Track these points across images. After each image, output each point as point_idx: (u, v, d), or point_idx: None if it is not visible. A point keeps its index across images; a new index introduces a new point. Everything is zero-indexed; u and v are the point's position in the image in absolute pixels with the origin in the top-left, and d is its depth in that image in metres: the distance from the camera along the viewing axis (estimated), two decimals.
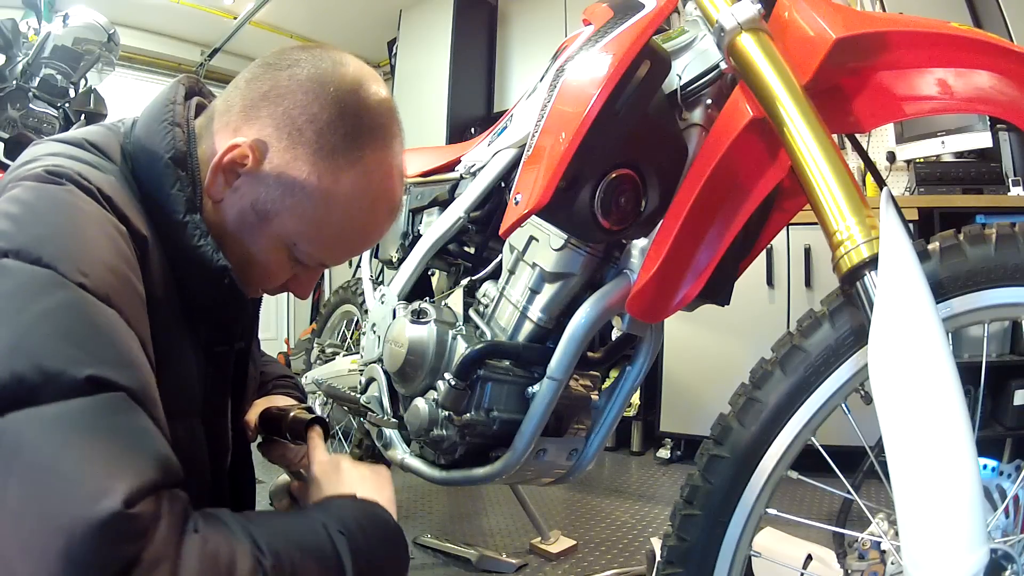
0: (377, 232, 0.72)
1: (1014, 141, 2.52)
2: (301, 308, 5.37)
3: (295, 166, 0.65)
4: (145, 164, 0.66)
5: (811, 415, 0.79)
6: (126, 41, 3.28)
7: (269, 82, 0.66)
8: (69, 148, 0.64)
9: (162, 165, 0.65)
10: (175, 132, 0.67)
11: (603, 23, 0.86)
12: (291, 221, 0.66)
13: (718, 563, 0.81)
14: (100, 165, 0.63)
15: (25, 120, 2.52)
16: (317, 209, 0.66)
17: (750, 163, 0.83)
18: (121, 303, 0.54)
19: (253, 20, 4.26)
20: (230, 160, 0.65)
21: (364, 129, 0.66)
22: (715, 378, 2.58)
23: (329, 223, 0.67)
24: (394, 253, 1.49)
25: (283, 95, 0.65)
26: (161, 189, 0.64)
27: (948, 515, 0.56)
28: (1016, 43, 0.72)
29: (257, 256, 0.68)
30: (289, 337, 5.29)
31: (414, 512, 2.11)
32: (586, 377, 1.15)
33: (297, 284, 0.74)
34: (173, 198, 0.64)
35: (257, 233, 0.67)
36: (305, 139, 0.64)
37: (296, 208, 0.65)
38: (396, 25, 4.21)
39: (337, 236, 0.69)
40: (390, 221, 0.73)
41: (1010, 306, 0.72)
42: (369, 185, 0.67)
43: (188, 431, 0.66)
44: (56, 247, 0.52)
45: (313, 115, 0.64)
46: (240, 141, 0.64)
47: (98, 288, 0.52)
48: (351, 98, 0.66)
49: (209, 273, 0.65)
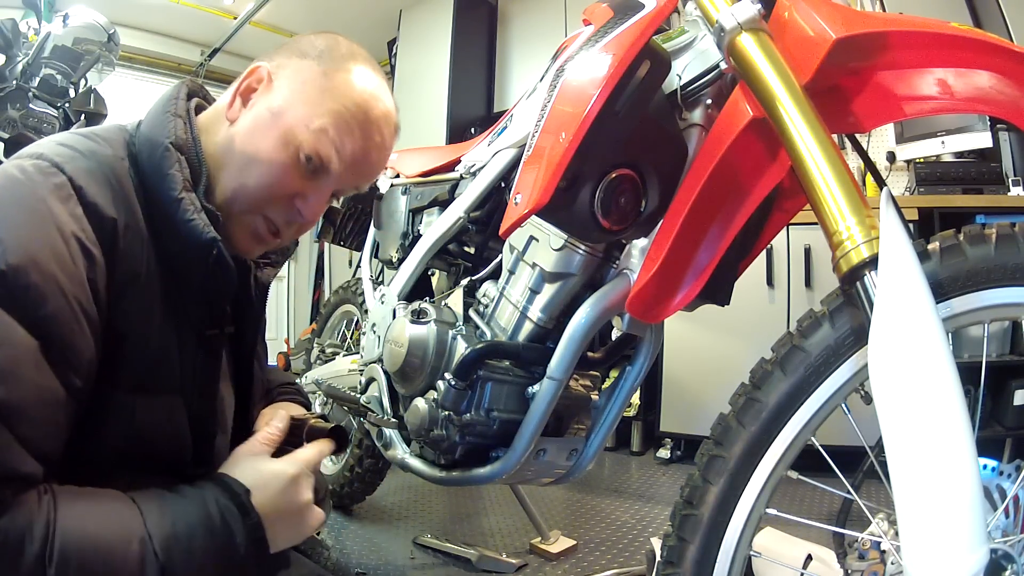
0: (374, 126, 0.77)
1: (1014, 141, 2.52)
2: (301, 308, 5.38)
3: (304, 66, 0.75)
4: (147, 152, 0.70)
5: (811, 415, 0.79)
6: (126, 41, 3.28)
7: (271, 53, 0.78)
8: (70, 137, 0.68)
9: (163, 149, 0.69)
10: (177, 122, 0.72)
11: (603, 23, 0.86)
12: (300, 108, 0.73)
13: (718, 563, 0.81)
14: (92, 152, 0.67)
15: (25, 120, 2.52)
16: (323, 92, 0.73)
17: (750, 163, 0.83)
18: (30, 302, 0.56)
19: (253, 20, 4.26)
20: (248, 84, 0.75)
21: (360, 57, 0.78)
22: (715, 378, 2.58)
23: (335, 102, 0.74)
24: (394, 253, 1.49)
25: (289, 44, 0.78)
26: (159, 171, 0.68)
27: (948, 515, 0.56)
28: (1016, 43, 0.72)
29: (267, 155, 0.72)
30: (289, 337, 5.30)
31: (414, 512, 2.11)
32: (586, 377, 1.15)
33: (304, 202, 0.75)
34: (171, 177, 0.68)
35: (269, 132, 0.72)
36: (312, 55, 0.76)
37: (305, 95, 0.73)
38: (396, 25, 4.21)
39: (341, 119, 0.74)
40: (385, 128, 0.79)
41: (1010, 306, 0.72)
42: (366, 83, 0.76)
43: (167, 411, 0.69)
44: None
45: (314, 44, 0.77)
46: (259, 64, 0.76)
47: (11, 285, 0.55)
48: (346, 47, 0.78)
49: (199, 245, 0.68)
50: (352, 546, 1.81)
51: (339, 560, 1.67)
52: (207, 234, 0.68)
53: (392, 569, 1.65)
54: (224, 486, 0.67)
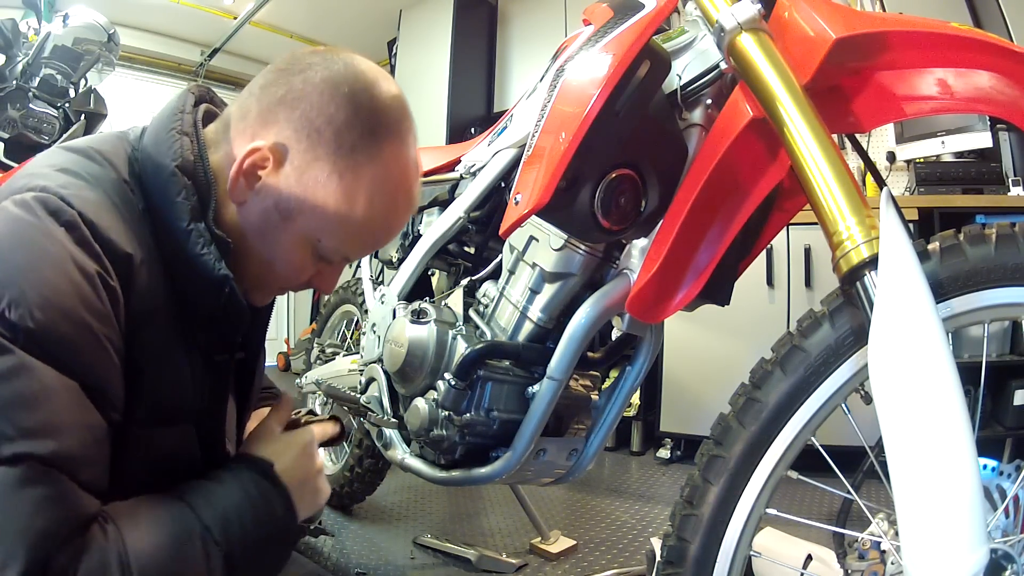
0: (398, 224, 0.74)
1: (1014, 141, 2.52)
2: (301, 308, 5.37)
3: (316, 166, 0.67)
4: (152, 173, 0.67)
5: (811, 415, 0.79)
6: (126, 41, 3.28)
7: (284, 87, 0.68)
8: (70, 158, 0.65)
9: (168, 174, 0.66)
10: (183, 141, 0.67)
11: (603, 23, 0.86)
12: (314, 219, 0.68)
13: (718, 563, 0.81)
14: (98, 179, 0.64)
15: (25, 120, 2.52)
16: (339, 206, 0.67)
17: (750, 163, 0.83)
18: (66, 353, 0.55)
19: (253, 20, 4.26)
20: (251, 164, 0.66)
21: (380, 125, 0.68)
22: (715, 378, 2.58)
23: (352, 219, 0.69)
24: (394, 253, 1.49)
25: (299, 98, 0.67)
26: (166, 198, 0.65)
27: (948, 515, 0.56)
28: (1016, 43, 0.72)
29: (282, 254, 0.70)
30: (289, 337, 5.30)
31: (414, 512, 2.11)
32: (586, 377, 1.15)
33: (321, 280, 0.75)
34: (178, 206, 0.65)
35: (281, 232, 0.69)
36: (324, 139, 0.66)
37: (319, 206, 0.67)
38: (396, 25, 4.21)
39: (360, 230, 0.70)
40: (410, 212, 0.75)
41: (1010, 306, 0.72)
42: (388, 178, 0.69)
43: (181, 437, 0.69)
44: (7, 293, 0.54)
45: (330, 116, 0.66)
46: (260, 144, 0.66)
47: (43, 340, 0.54)
48: (365, 96, 0.67)
49: (210, 282, 0.66)
50: (352, 546, 1.80)
51: (339, 560, 1.67)
52: (219, 271, 0.66)
53: (392, 569, 1.65)
54: (251, 463, 0.70)
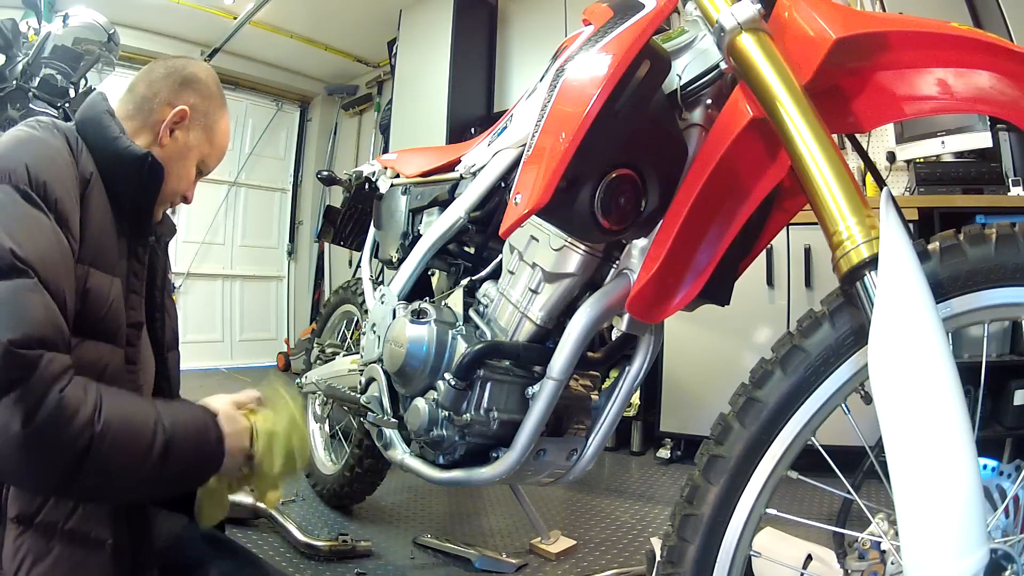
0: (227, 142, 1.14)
1: (1014, 141, 2.52)
2: (301, 308, 5.38)
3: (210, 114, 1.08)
4: (91, 120, 0.98)
5: (811, 415, 0.79)
6: (126, 41, 3.28)
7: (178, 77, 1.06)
8: (31, 125, 0.96)
9: (102, 111, 0.99)
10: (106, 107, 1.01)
11: (603, 23, 0.86)
12: (205, 145, 1.08)
13: (718, 563, 0.81)
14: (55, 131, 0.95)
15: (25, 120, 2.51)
16: (214, 134, 1.09)
17: (750, 163, 0.83)
18: (51, 206, 0.84)
19: (253, 20, 4.27)
20: (177, 115, 1.03)
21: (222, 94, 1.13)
22: (715, 378, 2.58)
23: (216, 141, 1.10)
24: (394, 253, 1.49)
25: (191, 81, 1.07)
26: (101, 123, 0.98)
27: (948, 515, 0.56)
28: (1016, 43, 0.72)
29: (182, 169, 1.06)
30: (289, 337, 5.30)
31: (414, 512, 2.11)
32: (586, 377, 1.15)
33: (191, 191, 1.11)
34: (111, 128, 0.97)
35: (186, 156, 1.06)
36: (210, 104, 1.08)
37: (208, 136, 1.08)
38: (396, 25, 4.21)
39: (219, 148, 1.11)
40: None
41: (1010, 306, 0.72)
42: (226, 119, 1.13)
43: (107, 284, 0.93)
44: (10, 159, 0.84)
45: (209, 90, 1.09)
46: (181, 107, 1.03)
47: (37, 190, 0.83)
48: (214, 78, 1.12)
49: (135, 159, 0.96)
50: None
51: (339, 561, 1.67)
52: (140, 151, 0.97)
53: (392, 569, 1.65)
54: (204, 407, 0.96)
